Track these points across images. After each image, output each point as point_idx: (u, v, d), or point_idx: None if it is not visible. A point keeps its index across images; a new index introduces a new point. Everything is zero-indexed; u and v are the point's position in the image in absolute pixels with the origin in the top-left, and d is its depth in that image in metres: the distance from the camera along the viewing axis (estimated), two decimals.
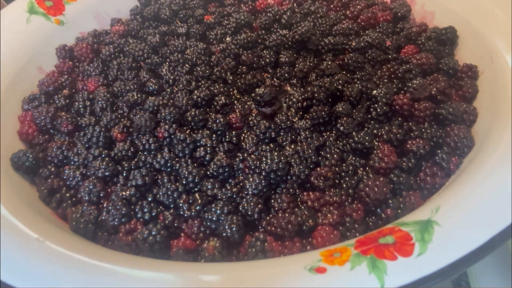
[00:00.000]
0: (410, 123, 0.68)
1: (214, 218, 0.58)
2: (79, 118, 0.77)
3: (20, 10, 0.92)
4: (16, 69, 0.83)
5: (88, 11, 1.01)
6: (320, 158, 0.65)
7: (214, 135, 0.69)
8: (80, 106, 0.78)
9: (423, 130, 0.66)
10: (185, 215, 0.59)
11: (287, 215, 0.57)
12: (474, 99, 0.69)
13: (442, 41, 0.79)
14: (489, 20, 0.72)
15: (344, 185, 0.61)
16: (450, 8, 0.81)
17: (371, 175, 0.61)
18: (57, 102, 0.80)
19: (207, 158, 0.65)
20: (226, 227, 0.56)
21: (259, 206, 0.58)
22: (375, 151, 0.64)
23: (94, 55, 0.91)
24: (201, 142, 0.68)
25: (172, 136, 0.69)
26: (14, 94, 0.80)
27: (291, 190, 0.62)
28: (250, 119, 0.72)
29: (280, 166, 0.61)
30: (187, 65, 0.84)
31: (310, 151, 0.64)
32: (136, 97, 0.77)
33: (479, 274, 0.74)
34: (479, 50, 0.71)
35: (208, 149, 0.66)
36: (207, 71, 0.82)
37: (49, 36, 0.92)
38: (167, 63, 0.87)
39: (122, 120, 0.74)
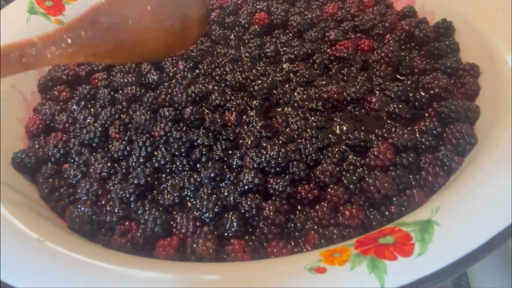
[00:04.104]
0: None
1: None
2: (78, 115, 0.77)
3: (20, 10, 0.91)
4: None
5: None
6: (321, 156, 0.65)
7: (210, 134, 0.69)
8: (81, 102, 0.79)
9: (423, 127, 0.66)
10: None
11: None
12: (476, 97, 0.69)
13: (441, 34, 0.80)
14: (489, 20, 0.71)
15: (345, 181, 0.62)
16: (450, 8, 0.81)
17: (377, 172, 0.61)
18: (60, 98, 0.81)
19: (203, 160, 0.66)
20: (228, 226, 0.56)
21: (257, 201, 0.59)
22: (371, 149, 0.64)
23: None
24: (198, 141, 0.68)
25: (168, 134, 0.69)
26: (14, 94, 0.80)
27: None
28: (244, 117, 0.73)
29: (280, 155, 0.62)
30: (191, 62, 0.85)
31: (311, 149, 0.64)
32: (134, 91, 0.78)
33: (479, 274, 0.74)
34: (479, 50, 0.71)
35: (204, 149, 0.66)
36: (209, 70, 0.83)
37: None
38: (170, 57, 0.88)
39: (121, 115, 0.75)
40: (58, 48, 0.54)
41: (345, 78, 0.79)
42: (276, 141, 0.69)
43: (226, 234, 0.57)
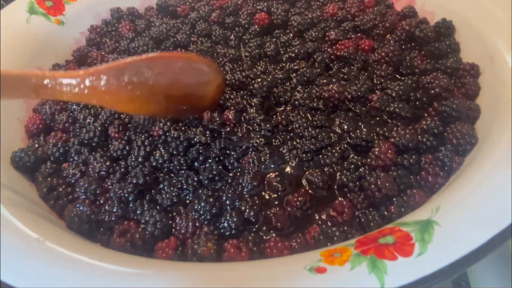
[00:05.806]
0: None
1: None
2: (78, 114, 0.78)
3: (20, 10, 0.92)
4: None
5: (88, 11, 1.01)
6: (320, 157, 0.65)
7: (208, 132, 0.69)
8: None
9: (425, 125, 0.66)
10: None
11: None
12: (476, 97, 0.69)
13: (441, 34, 0.79)
14: (489, 20, 0.71)
15: (345, 179, 0.61)
16: (450, 8, 0.81)
17: (378, 172, 0.61)
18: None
19: (200, 158, 0.66)
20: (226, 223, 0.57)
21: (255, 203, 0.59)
22: (372, 149, 0.64)
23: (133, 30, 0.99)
24: (195, 139, 0.68)
25: (167, 134, 0.69)
26: None
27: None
28: (244, 114, 0.73)
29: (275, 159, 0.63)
30: None
31: (306, 148, 0.65)
32: None
33: (479, 274, 0.74)
34: (479, 50, 0.71)
35: (201, 148, 0.66)
36: None
37: (49, 36, 0.92)
38: None
39: (120, 115, 0.75)
40: (75, 87, 0.57)
41: (345, 77, 0.79)
42: (277, 138, 0.69)
43: (225, 233, 0.57)
